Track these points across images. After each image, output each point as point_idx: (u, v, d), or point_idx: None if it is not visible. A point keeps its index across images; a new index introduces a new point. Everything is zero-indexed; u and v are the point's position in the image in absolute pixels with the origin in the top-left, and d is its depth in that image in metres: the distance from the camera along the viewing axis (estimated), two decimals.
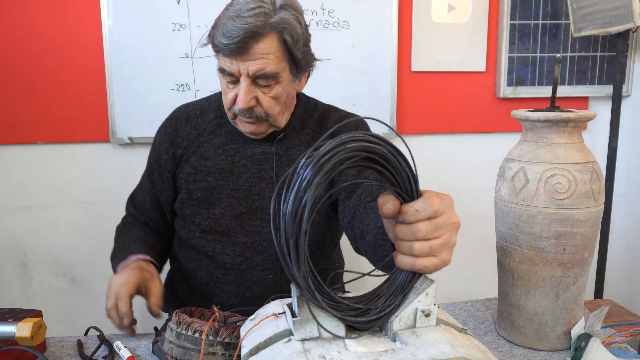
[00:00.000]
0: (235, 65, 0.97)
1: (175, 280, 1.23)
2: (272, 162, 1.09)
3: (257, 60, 0.96)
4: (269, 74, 0.98)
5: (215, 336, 0.76)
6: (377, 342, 0.57)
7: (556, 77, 0.94)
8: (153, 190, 1.19)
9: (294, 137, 1.11)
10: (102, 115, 1.86)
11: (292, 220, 0.52)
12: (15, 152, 1.86)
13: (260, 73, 0.97)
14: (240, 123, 1.06)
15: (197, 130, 1.14)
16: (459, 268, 2.23)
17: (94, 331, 1.00)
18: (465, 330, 0.65)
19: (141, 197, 1.23)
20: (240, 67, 0.97)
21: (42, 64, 1.81)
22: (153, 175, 1.18)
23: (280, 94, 1.02)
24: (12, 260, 1.93)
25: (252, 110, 1.01)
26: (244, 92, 0.98)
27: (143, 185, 1.23)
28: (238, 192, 1.10)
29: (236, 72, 0.98)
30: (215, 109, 1.15)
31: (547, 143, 0.91)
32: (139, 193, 1.24)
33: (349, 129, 1.11)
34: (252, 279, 1.11)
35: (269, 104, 1.01)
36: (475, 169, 2.16)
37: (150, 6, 1.81)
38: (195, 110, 1.16)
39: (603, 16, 1.85)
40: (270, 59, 0.97)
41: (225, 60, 0.98)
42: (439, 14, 2.02)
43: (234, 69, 0.98)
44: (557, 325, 0.93)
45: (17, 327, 0.83)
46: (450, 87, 2.09)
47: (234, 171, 1.10)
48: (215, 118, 1.14)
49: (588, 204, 0.89)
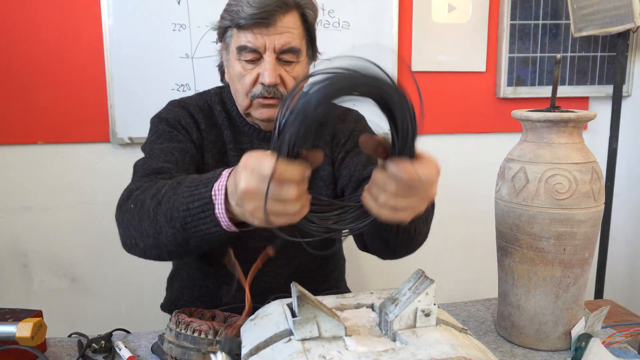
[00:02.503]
0: (260, 39, 0.93)
1: (175, 287, 1.19)
2: None
3: (284, 34, 0.93)
4: (295, 49, 0.95)
5: (215, 336, 0.76)
6: (377, 341, 0.57)
7: (556, 77, 0.94)
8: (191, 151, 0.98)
9: None
10: (102, 115, 1.86)
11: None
12: (15, 152, 1.86)
13: (287, 47, 0.94)
14: (256, 110, 1.00)
15: (211, 120, 1.06)
16: (459, 268, 2.23)
17: (92, 332, 1.00)
18: (466, 330, 0.65)
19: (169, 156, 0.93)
20: (267, 41, 0.93)
21: (42, 63, 1.81)
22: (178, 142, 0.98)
23: (300, 74, 0.99)
24: (12, 260, 1.93)
25: (277, 89, 0.96)
26: (271, 67, 0.94)
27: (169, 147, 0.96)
28: None
29: (261, 47, 0.94)
30: (220, 102, 1.09)
31: (548, 143, 0.91)
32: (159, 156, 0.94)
33: (348, 124, 1.11)
34: (264, 285, 1.02)
35: (291, 84, 0.97)
36: (475, 169, 2.16)
37: (150, 6, 1.81)
38: (200, 101, 1.08)
39: (603, 16, 1.85)
40: (295, 33, 0.95)
41: (247, 35, 0.94)
42: (439, 14, 2.02)
43: (258, 43, 0.93)
44: (558, 325, 0.93)
45: (17, 327, 0.83)
46: (450, 87, 2.09)
47: None
48: (224, 112, 1.07)
49: (588, 204, 0.89)
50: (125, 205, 0.82)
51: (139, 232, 0.77)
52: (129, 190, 0.84)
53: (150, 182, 0.82)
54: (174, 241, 0.72)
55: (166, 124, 1.02)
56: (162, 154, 0.94)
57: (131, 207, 0.79)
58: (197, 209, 0.67)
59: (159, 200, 0.73)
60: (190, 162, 0.96)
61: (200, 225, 0.68)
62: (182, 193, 0.70)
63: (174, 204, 0.70)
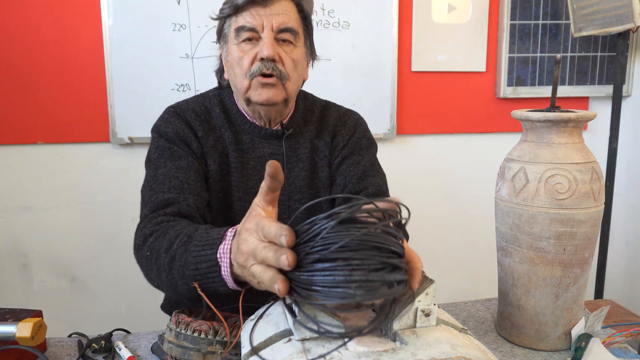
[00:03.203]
0: (257, 18, 0.95)
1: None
2: (282, 163, 1.06)
3: (281, 15, 0.96)
4: (293, 29, 0.97)
5: (215, 336, 0.76)
6: (377, 341, 0.57)
7: (556, 77, 0.94)
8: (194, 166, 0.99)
9: (299, 135, 1.09)
10: (102, 115, 1.86)
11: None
12: (15, 152, 1.86)
13: (284, 26, 0.96)
14: (256, 90, 0.98)
15: (209, 124, 1.05)
16: (459, 268, 2.23)
17: (92, 332, 1.00)
18: (466, 330, 0.65)
19: (174, 180, 0.95)
20: (264, 19, 0.95)
21: (42, 64, 1.81)
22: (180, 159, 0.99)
23: (299, 59, 1.00)
24: (12, 260, 1.93)
25: (275, 65, 0.96)
26: (269, 41, 0.95)
27: (172, 167, 0.97)
28: (249, 195, 1.04)
29: (259, 26, 0.95)
30: (219, 104, 1.08)
31: (547, 143, 0.91)
32: (163, 183, 0.95)
33: (348, 129, 1.11)
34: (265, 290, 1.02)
35: (289, 64, 0.98)
36: (475, 169, 2.16)
37: (150, 6, 1.81)
38: (198, 105, 1.07)
39: (603, 16, 1.85)
40: (292, 17, 0.97)
41: (246, 16, 0.96)
42: (439, 14, 2.02)
43: (256, 22, 0.95)
44: (558, 325, 0.93)
45: (17, 327, 0.83)
46: (451, 87, 2.10)
47: (244, 173, 1.05)
48: (222, 113, 1.06)
49: (588, 204, 0.89)
50: (141, 250, 0.86)
51: (159, 281, 0.82)
52: (144, 235, 0.87)
53: (163, 228, 0.86)
54: (189, 293, 0.77)
55: (166, 140, 1.02)
56: (167, 180, 0.95)
57: (147, 254, 0.83)
58: (205, 270, 0.71)
59: (172, 256, 0.77)
60: (196, 177, 0.98)
61: (210, 283, 0.71)
62: (191, 251, 0.73)
63: (185, 262, 0.74)
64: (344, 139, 1.11)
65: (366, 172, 1.08)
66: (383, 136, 2.04)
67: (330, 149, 1.10)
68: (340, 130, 1.11)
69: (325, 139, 1.10)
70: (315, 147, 1.10)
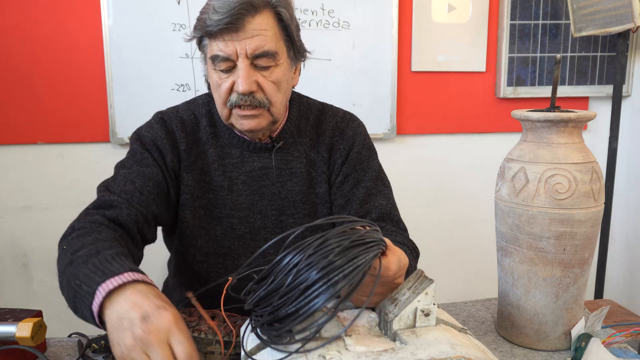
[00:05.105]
0: (230, 46, 0.89)
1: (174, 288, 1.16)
2: (272, 177, 1.03)
3: (255, 38, 0.89)
4: (269, 52, 0.91)
5: (215, 336, 0.76)
6: (377, 341, 0.57)
7: (556, 77, 0.94)
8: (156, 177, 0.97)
9: (292, 146, 1.04)
10: (102, 115, 1.86)
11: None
12: (15, 152, 1.86)
13: (259, 51, 0.90)
14: (237, 120, 0.95)
15: (194, 137, 1.02)
16: (459, 268, 2.23)
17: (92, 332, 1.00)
18: (465, 330, 0.65)
19: (129, 185, 0.94)
20: (237, 47, 0.89)
21: (42, 64, 1.81)
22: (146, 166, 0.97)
23: (281, 79, 0.94)
24: (12, 260, 1.93)
25: (254, 96, 0.92)
26: (244, 74, 0.90)
27: (134, 171, 0.96)
28: (238, 212, 1.02)
29: (233, 54, 0.90)
30: (207, 114, 1.04)
31: (547, 143, 0.91)
32: (118, 184, 0.94)
33: (346, 141, 1.06)
34: None
35: (270, 89, 0.93)
36: (475, 169, 2.16)
37: (150, 6, 1.81)
38: (187, 114, 1.04)
39: (603, 16, 1.85)
40: (268, 35, 0.90)
41: (219, 43, 0.90)
42: (439, 14, 2.02)
43: (229, 50, 0.89)
44: (557, 325, 0.93)
45: (17, 327, 0.83)
46: (450, 87, 2.10)
47: (232, 189, 1.02)
48: (210, 126, 1.03)
49: (588, 204, 0.89)
50: (63, 241, 0.84)
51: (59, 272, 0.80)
52: (72, 227, 0.86)
53: (89, 229, 0.84)
54: (68, 301, 0.76)
55: (140, 144, 1.01)
56: (123, 182, 0.94)
57: (64, 247, 0.81)
58: (83, 292, 0.70)
59: (71, 260, 0.76)
60: (153, 189, 0.96)
61: (81, 306, 0.71)
62: (86, 269, 0.72)
63: (76, 273, 0.73)
64: (342, 155, 1.06)
65: (369, 192, 1.04)
66: (383, 136, 2.04)
67: (328, 165, 1.06)
68: (337, 142, 1.06)
69: (322, 154, 1.06)
70: (312, 161, 1.06)
